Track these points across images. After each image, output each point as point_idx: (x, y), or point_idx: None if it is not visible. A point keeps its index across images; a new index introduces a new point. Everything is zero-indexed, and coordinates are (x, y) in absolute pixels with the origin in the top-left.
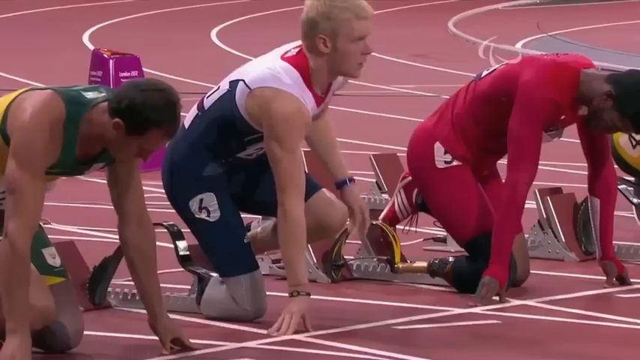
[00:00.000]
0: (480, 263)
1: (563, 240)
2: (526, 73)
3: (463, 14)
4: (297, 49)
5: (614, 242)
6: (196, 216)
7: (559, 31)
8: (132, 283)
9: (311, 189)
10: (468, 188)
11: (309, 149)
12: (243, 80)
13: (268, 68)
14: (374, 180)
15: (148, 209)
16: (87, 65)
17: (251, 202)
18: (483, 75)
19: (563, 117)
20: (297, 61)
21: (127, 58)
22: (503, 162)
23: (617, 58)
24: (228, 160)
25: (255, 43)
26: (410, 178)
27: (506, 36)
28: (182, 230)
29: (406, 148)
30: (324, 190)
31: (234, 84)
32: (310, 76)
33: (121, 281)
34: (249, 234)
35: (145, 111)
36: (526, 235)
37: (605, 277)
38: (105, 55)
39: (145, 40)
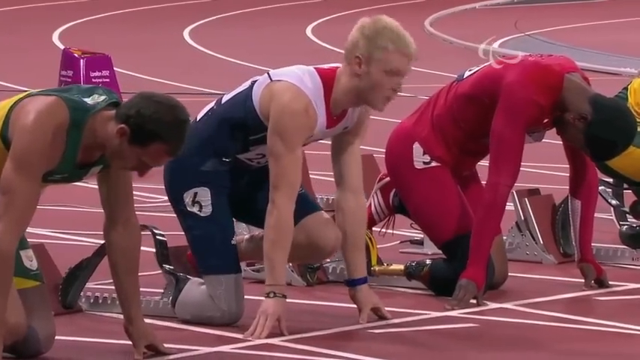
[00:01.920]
0: (458, 265)
1: (542, 242)
2: (510, 75)
3: (439, 13)
4: (330, 67)
5: (592, 244)
6: (188, 209)
7: (537, 31)
8: (103, 287)
9: (309, 208)
10: (446, 189)
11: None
12: (268, 73)
13: (297, 68)
14: None
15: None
16: (57, 65)
17: (247, 209)
18: (465, 76)
19: (546, 120)
20: (325, 73)
21: (98, 57)
22: (484, 163)
23: (595, 58)
24: (229, 159)
25: (229, 43)
26: (387, 179)
27: (483, 35)
28: (164, 233)
29: (383, 149)
30: (322, 211)
31: (257, 80)
32: (332, 92)
33: (92, 285)
34: (235, 238)
35: (152, 122)
36: (504, 237)
37: (583, 280)
38: (75, 55)
39: (117, 39)
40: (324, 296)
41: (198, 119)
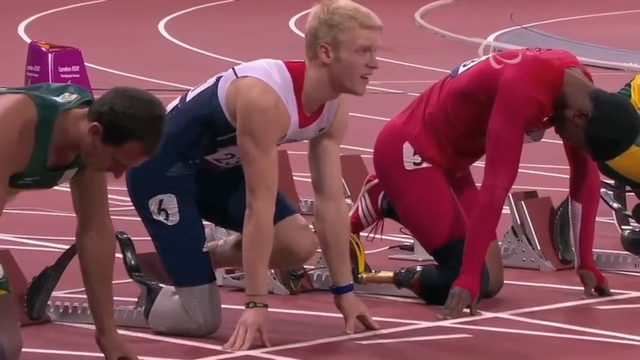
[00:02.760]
0: (450, 272)
1: (539, 248)
2: (507, 71)
3: (431, 5)
4: (300, 61)
5: (593, 250)
6: (154, 217)
7: (534, 23)
8: (73, 295)
9: (284, 211)
10: (438, 192)
11: (283, 149)
12: (233, 69)
13: (264, 62)
14: None
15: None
16: (23, 60)
17: (217, 211)
18: (460, 71)
19: (545, 118)
20: (294, 68)
21: (68, 51)
22: (479, 164)
23: (595, 52)
24: (196, 161)
25: (208, 36)
26: (375, 181)
27: (477, 28)
28: (132, 238)
29: (371, 149)
30: (298, 215)
31: (222, 76)
32: (302, 88)
33: (61, 294)
34: (209, 245)
35: (126, 119)
36: (499, 243)
37: (583, 288)
38: (43, 49)
39: (87, 32)
40: (309, 305)
41: None
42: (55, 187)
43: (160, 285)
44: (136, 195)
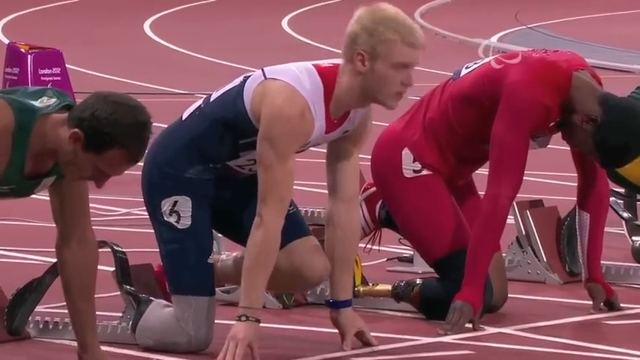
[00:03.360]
0: (452, 285)
1: (545, 260)
2: (513, 73)
3: (431, 3)
4: (331, 63)
5: (601, 262)
6: (164, 218)
7: (539, 23)
8: (54, 310)
9: (298, 231)
10: (439, 200)
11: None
12: (263, 69)
13: (294, 66)
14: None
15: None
16: (1, 61)
17: (231, 221)
18: (462, 74)
19: (552, 123)
20: (325, 72)
21: (48, 52)
22: (482, 172)
23: (604, 53)
24: (217, 166)
25: (195, 37)
26: (372, 189)
27: (480, 28)
28: (125, 250)
29: (368, 155)
30: (312, 237)
31: (250, 76)
32: (333, 93)
33: (42, 308)
34: (212, 257)
35: (109, 125)
36: (503, 254)
37: (591, 302)
38: (22, 50)
39: (69, 32)
40: (302, 320)
41: (183, 118)
42: (34, 195)
43: (150, 298)
44: (150, 193)
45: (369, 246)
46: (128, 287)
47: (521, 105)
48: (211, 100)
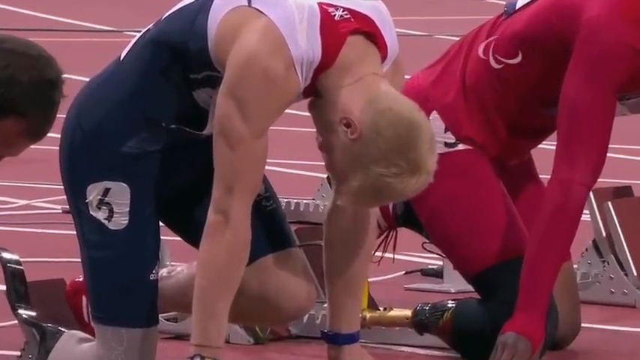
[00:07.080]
0: (498, 310)
1: (635, 273)
2: (592, 6)
3: None
4: (347, 14)
5: None
6: (90, 212)
7: None
8: None
9: (279, 240)
10: (482, 187)
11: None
12: None
13: (295, 5)
14: (325, 175)
15: None
16: None
17: (188, 213)
18: (518, 6)
19: None
20: (331, 37)
21: None
22: (546, 146)
23: None
24: (171, 126)
25: None
26: None
27: None
28: (20, 259)
29: None
30: (297, 250)
31: None
32: (330, 68)
33: None
34: (158, 271)
35: (1, 85)
36: (575, 266)
37: None
38: None
39: None
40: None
41: (121, 58)
42: None
43: (60, 329)
44: (70, 171)
45: (379, 253)
46: (27, 313)
47: (603, 50)
48: (162, 18)
